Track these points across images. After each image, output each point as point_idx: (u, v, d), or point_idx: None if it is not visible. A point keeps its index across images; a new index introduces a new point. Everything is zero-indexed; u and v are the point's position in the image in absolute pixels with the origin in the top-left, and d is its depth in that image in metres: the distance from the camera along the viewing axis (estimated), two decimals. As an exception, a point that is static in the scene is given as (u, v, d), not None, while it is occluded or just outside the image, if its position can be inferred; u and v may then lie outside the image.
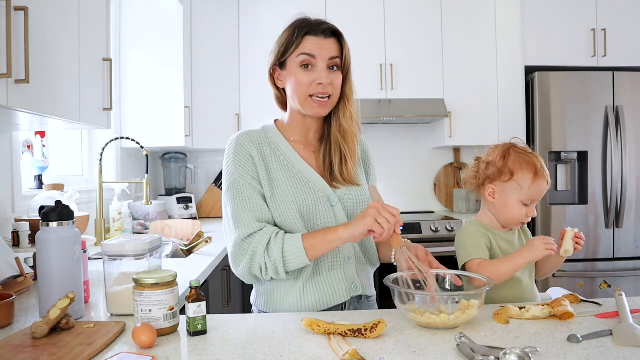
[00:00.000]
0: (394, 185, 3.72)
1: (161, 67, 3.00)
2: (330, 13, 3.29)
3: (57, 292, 1.04)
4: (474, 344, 0.88)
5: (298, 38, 1.22)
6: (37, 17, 1.32)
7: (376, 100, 3.32)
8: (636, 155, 2.92)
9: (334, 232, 1.14)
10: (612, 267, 2.91)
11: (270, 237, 1.16)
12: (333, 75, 1.23)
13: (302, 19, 1.25)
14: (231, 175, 1.22)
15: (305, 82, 1.21)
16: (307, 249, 1.14)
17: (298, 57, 1.21)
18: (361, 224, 1.09)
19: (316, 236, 1.16)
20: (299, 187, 1.23)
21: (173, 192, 3.39)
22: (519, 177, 1.28)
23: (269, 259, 1.15)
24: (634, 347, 0.89)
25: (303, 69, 1.22)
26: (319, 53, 1.21)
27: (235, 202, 1.20)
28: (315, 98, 1.22)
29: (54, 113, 1.44)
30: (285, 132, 1.31)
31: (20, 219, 1.81)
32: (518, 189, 1.28)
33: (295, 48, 1.22)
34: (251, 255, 1.16)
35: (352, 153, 1.29)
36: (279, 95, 1.34)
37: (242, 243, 1.17)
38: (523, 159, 1.29)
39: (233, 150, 1.24)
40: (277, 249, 1.14)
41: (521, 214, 1.29)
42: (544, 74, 2.94)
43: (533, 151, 1.35)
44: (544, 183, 1.29)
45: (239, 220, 1.19)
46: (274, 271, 1.16)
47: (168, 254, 2.07)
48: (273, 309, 1.25)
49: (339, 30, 1.26)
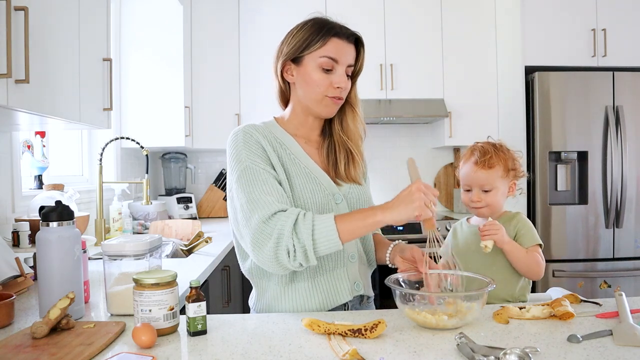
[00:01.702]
0: (394, 185, 3.72)
1: (161, 67, 3.00)
2: (330, 13, 3.26)
3: (57, 292, 1.04)
4: (474, 344, 0.88)
5: (324, 38, 1.18)
6: (37, 17, 1.32)
7: (376, 100, 3.32)
8: (636, 155, 2.92)
9: (373, 216, 1.05)
10: (612, 267, 2.91)
11: (298, 217, 1.05)
12: (348, 81, 1.23)
13: (324, 19, 1.23)
14: (242, 163, 1.14)
15: (324, 84, 1.19)
16: (341, 231, 1.04)
17: (321, 58, 1.18)
18: (409, 208, 1.03)
19: (351, 218, 1.07)
20: (308, 183, 1.20)
21: (173, 192, 3.39)
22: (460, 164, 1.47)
23: (297, 241, 1.03)
24: (634, 347, 0.88)
25: (322, 71, 1.19)
26: (342, 58, 1.20)
27: (250, 188, 1.10)
28: (331, 98, 1.21)
29: (54, 113, 1.44)
30: (287, 128, 1.29)
31: (20, 219, 1.81)
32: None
33: (319, 47, 1.18)
34: (277, 237, 1.04)
35: (360, 153, 1.30)
36: (283, 89, 1.29)
37: (265, 225, 1.06)
38: (471, 147, 1.45)
39: (242, 139, 1.17)
40: (307, 230, 1.03)
41: (466, 199, 1.45)
42: (544, 74, 2.94)
43: (500, 145, 1.43)
44: (471, 166, 1.41)
45: (256, 203, 1.08)
46: (302, 255, 1.04)
47: (168, 254, 2.07)
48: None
49: (362, 38, 1.25)
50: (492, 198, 1.40)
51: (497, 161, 1.39)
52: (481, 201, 1.41)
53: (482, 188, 1.40)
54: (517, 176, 1.44)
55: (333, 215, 1.06)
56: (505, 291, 1.36)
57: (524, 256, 1.34)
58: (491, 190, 1.40)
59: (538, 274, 1.36)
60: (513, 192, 1.44)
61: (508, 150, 1.43)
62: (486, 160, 1.39)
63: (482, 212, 1.42)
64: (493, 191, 1.40)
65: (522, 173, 1.45)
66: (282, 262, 1.06)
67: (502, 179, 1.40)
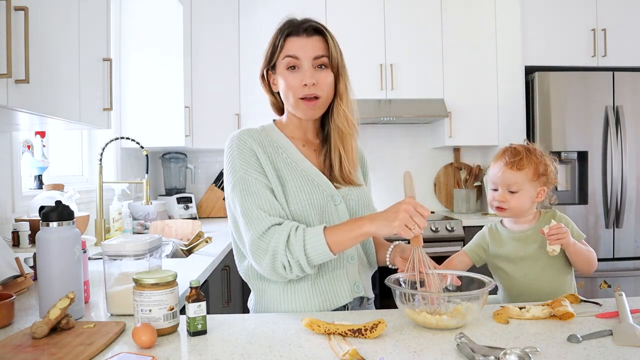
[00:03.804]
0: (394, 185, 3.72)
1: (161, 67, 3.00)
2: (330, 13, 3.29)
3: (57, 292, 1.04)
4: (474, 344, 0.88)
5: (281, 40, 1.20)
6: (37, 17, 1.32)
7: (376, 100, 3.32)
8: (636, 155, 2.92)
9: (360, 227, 1.08)
10: (612, 267, 2.91)
11: (290, 233, 1.10)
12: (320, 75, 1.19)
13: (287, 20, 1.23)
14: (236, 172, 1.17)
15: (293, 84, 1.19)
16: (331, 244, 1.08)
17: (284, 59, 1.20)
18: (391, 226, 1.04)
19: (340, 231, 1.10)
20: (306, 186, 1.20)
21: (173, 192, 3.39)
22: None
23: (291, 257, 1.09)
24: (634, 347, 0.88)
25: (290, 71, 1.19)
26: (302, 53, 1.18)
27: (243, 199, 1.15)
28: (303, 100, 1.19)
29: (54, 113, 1.44)
30: (285, 131, 1.29)
31: (20, 219, 1.81)
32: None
33: (280, 50, 1.20)
34: (272, 253, 1.10)
35: (349, 153, 1.26)
36: (274, 101, 1.32)
37: (260, 241, 1.12)
38: (503, 147, 1.45)
39: (236, 146, 1.20)
40: (299, 245, 1.08)
41: (491, 198, 1.44)
42: (544, 74, 2.94)
43: (534, 149, 1.41)
44: (500, 166, 1.40)
45: (250, 217, 1.13)
46: (298, 268, 1.10)
47: (168, 254, 2.07)
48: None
49: (322, 26, 1.22)
50: (518, 200, 1.38)
51: (528, 164, 1.37)
52: (506, 202, 1.39)
53: (508, 189, 1.38)
54: (548, 182, 1.40)
55: (323, 228, 1.10)
56: (560, 290, 1.35)
57: (586, 253, 1.36)
58: (518, 192, 1.38)
59: (594, 267, 1.38)
60: (542, 197, 1.40)
61: (542, 154, 1.41)
62: (516, 162, 1.37)
63: (505, 213, 1.41)
64: (519, 193, 1.38)
65: (554, 180, 1.41)
66: (281, 274, 1.12)
67: (530, 182, 1.37)
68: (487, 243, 1.47)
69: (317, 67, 1.20)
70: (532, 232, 1.40)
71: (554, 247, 1.29)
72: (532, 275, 1.37)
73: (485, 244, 1.47)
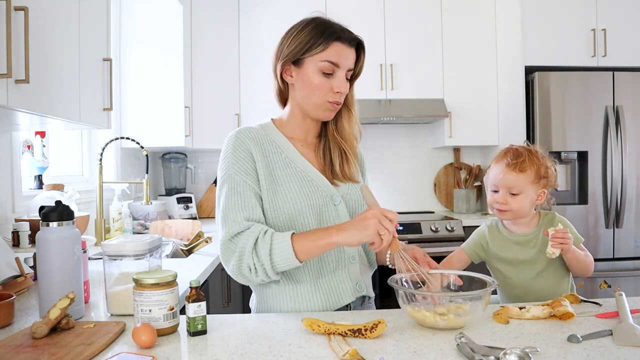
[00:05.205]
0: (394, 185, 3.72)
1: (161, 67, 3.00)
2: (330, 13, 3.25)
3: (57, 292, 1.04)
4: (474, 344, 0.88)
5: (326, 41, 1.17)
6: (37, 17, 1.32)
7: (376, 100, 3.32)
8: (636, 155, 2.92)
9: (328, 237, 1.07)
10: (612, 267, 2.91)
11: (258, 236, 1.10)
12: (347, 85, 1.22)
13: (326, 21, 1.21)
14: (226, 171, 1.18)
15: (324, 89, 1.18)
16: (297, 251, 1.07)
17: (322, 62, 1.17)
18: (361, 235, 1.04)
19: (307, 239, 1.09)
20: (304, 186, 1.20)
21: (173, 192, 3.39)
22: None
23: (257, 260, 1.09)
24: (634, 347, 0.89)
25: (323, 75, 1.18)
26: (343, 63, 1.19)
27: (227, 199, 1.15)
28: (330, 103, 1.20)
29: (54, 113, 1.44)
30: (284, 130, 1.28)
31: (20, 219, 1.81)
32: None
33: (320, 51, 1.17)
34: (239, 255, 1.10)
35: (353, 151, 1.30)
36: (282, 89, 1.28)
37: (229, 242, 1.12)
38: (504, 149, 1.43)
39: (232, 146, 1.20)
40: (265, 249, 1.08)
41: (491, 200, 1.42)
42: (544, 74, 2.94)
43: (535, 150, 1.40)
44: (501, 168, 1.38)
45: (227, 218, 1.14)
46: (263, 272, 1.09)
47: (168, 254, 2.07)
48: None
49: (363, 42, 1.24)
50: (518, 202, 1.37)
51: (530, 166, 1.36)
52: (506, 204, 1.37)
53: (509, 191, 1.37)
54: (548, 185, 1.39)
55: (291, 234, 1.09)
56: (558, 292, 1.35)
57: (583, 259, 1.35)
58: (519, 194, 1.36)
59: (590, 273, 1.39)
60: (542, 200, 1.39)
61: (543, 156, 1.40)
62: (518, 163, 1.36)
63: (506, 215, 1.40)
64: (520, 195, 1.36)
65: (554, 183, 1.40)
66: (246, 276, 1.13)
67: (532, 184, 1.36)
68: (487, 242, 1.46)
69: (346, 77, 1.22)
70: (533, 236, 1.40)
71: (554, 250, 1.29)
72: (529, 278, 1.38)
73: (485, 243, 1.47)
